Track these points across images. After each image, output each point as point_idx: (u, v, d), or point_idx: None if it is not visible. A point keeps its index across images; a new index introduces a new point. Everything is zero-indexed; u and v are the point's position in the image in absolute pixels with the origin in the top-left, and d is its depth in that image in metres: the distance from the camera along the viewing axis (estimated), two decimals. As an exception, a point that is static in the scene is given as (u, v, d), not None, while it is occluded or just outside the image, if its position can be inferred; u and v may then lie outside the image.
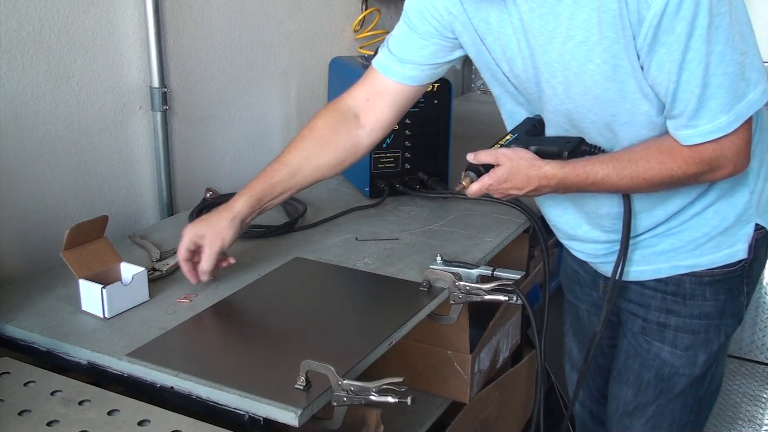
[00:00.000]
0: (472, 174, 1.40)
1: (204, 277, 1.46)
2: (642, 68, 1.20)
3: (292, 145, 1.55)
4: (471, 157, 1.38)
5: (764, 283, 2.94)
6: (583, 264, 1.61)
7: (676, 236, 1.40)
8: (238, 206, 1.48)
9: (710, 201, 1.37)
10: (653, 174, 1.27)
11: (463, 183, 1.41)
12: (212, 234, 1.45)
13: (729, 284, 1.42)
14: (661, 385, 1.50)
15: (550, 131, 1.40)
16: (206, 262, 1.45)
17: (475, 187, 1.37)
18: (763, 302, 2.97)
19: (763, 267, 1.47)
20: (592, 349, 1.51)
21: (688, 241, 1.40)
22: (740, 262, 1.40)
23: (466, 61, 1.52)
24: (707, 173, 1.26)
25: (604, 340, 1.68)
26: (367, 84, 1.55)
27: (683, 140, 1.23)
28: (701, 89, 1.17)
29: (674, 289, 1.43)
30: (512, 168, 1.34)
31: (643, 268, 1.45)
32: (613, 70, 1.21)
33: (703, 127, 1.20)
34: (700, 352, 1.45)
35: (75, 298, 1.42)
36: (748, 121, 1.22)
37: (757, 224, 1.39)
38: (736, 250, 1.39)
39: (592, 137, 1.34)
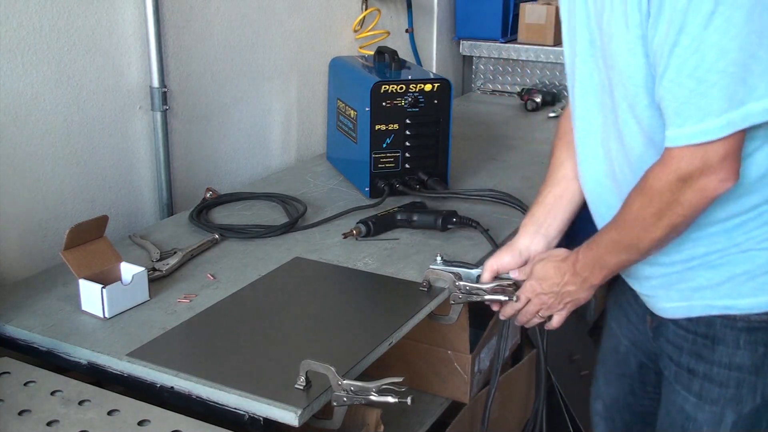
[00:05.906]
0: (361, 226, 1.71)
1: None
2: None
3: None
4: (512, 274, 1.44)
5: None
6: (637, 297, 1.42)
7: (715, 270, 1.22)
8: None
9: (759, 236, 1.18)
10: (638, 227, 1.18)
11: (354, 232, 1.70)
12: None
13: None
14: None
15: (592, 116, 1.30)
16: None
17: (509, 311, 1.42)
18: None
19: None
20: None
21: (727, 277, 1.21)
22: None
23: (466, 61, 1.52)
24: (688, 189, 1.11)
25: (636, 382, 1.53)
26: None
27: (669, 141, 1.10)
28: (695, 83, 1.05)
29: (704, 330, 1.25)
30: (538, 265, 1.36)
31: (677, 304, 1.28)
32: (638, 42, 1.12)
33: (691, 127, 1.07)
34: (728, 411, 1.25)
35: (75, 298, 1.42)
36: (741, 134, 1.07)
37: None
38: None
39: (624, 118, 1.21)
